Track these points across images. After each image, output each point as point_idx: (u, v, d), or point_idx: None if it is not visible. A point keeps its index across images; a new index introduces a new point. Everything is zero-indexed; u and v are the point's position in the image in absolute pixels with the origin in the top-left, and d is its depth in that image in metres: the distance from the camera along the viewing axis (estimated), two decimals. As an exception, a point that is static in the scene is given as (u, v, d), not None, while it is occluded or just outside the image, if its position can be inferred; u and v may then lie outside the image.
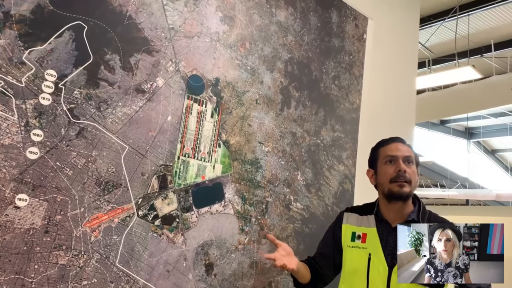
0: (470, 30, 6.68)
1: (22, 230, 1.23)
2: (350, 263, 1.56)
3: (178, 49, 1.60)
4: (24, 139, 1.25)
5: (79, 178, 1.35)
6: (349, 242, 1.58)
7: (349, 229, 1.60)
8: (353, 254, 1.55)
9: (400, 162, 1.49)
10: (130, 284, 1.43)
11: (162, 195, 1.53)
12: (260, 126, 1.86)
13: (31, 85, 1.27)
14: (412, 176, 1.48)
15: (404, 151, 1.52)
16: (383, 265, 1.45)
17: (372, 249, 1.50)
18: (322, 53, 2.15)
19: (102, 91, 1.41)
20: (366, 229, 1.56)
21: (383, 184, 1.52)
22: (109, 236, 1.40)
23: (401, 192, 1.46)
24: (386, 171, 1.51)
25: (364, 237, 1.55)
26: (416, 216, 1.49)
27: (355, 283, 1.52)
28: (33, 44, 1.28)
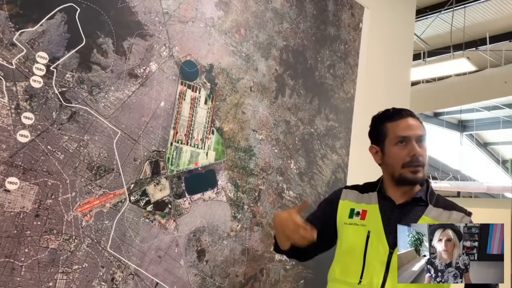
0: (465, 22, 6.68)
1: (12, 214, 1.22)
2: (346, 242, 1.40)
3: (172, 34, 1.59)
4: (14, 121, 1.24)
5: (70, 162, 1.33)
6: (346, 219, 1.42)
7: (347, 206, 1.44)
8: (349, 232, 1.39)
9: (413, 144, 1.33)
10: (121, 269, 1.43)
11: (155, 181, 1.53)
12: (254, 113, 1.86)
13: (22, 67, 1.25)
14: (425, 159, 1.34)
15: (416, 128, 1.36)
16: (383, 245, 1.31)
17: (372, 226, 1.35)
18: (317, 41, 2.14)
19: (95, 75, 1.39)
20: (367, 205, 1.41)
21: (393, 167, 1.36)
22: (100, 221, 1.39)
23: (415, 178, 1.33)
24: (397, 154, 1.35)
25: (363, 214, 1.39)
26: (424, 195, 1.37)
27: (350, 263, 1.36)
28: (24, 25, 1.26)
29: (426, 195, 1.38)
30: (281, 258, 1.94)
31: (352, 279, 1.34)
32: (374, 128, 1.45)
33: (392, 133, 1.37)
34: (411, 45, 3.00)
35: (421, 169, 1.33)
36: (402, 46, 2.86)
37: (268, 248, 1.88)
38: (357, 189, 1.49)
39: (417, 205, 1.38)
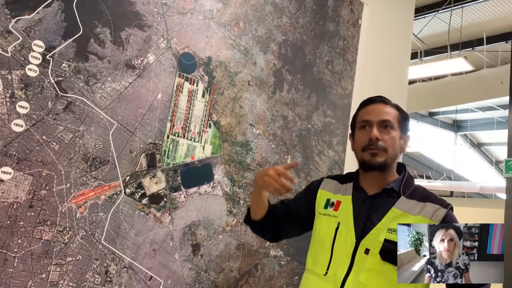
0: (463, 22, 6.69)
1: (5, 204, 1.20)
2: (318, 232, 1.40)
3: (171, 26, 1.57)
4: (9, 110, 1.22)
5: (65, 153, 1.32)
6: (321, 209, 1.41)
7: (325, 196, 1.44)
8: (322, 222, 1.39)
9: (373, 128, 1.31)
10: (116, 262, 1.42)
11: (150, 174, 1.51)
12: (251, 108, 1.84)
13: (17, 55, 1.23)
14: (388, 143, 1.31)
15: (380, 113, 1.33)
16: (350, 236, 1.29)
17: (343, 218, 1.34)
18: (316, 36, 2.12)
19: (92, 65, 1.37)
20: (342, 197, 1.39)
21: (357, 152, 1.37)
22: (95, 213, 1.38)
23: (372, 161, 1.30)
24: (359, 138, 1.35)
25: (337, 205, 1.38)
26: (397, 186, 1.33)
27: (319, 254, 1.35)
28: (21, 12, 1.23)
29: (400, 185, 1.34)
30: (276, 254, 1.94)
31: (320, 270, 1.32)
32: (352, 118, 1.47)
33: (359, 118, 1.38)
34: (410, 43, 3.00)
35: (381, 153, 1.30)
36: (400, 44, 2.86)
37: (263, 243, 1.87)
38: (338, 179, 1.47)
39: (389, 196, 1.33)
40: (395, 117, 1.35)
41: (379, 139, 1.30)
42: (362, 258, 1.25)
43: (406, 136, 1.40)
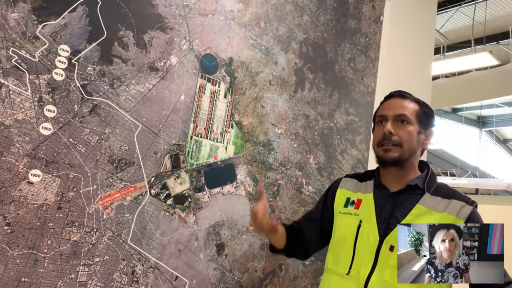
0: (487, 16, 6.53)
1: (35, 206, 1.23)
2: (339, 231, 1.38)
3: (192, 27, 1.58)
4: (37, 114, 1.24)
5: (92, 155, 1.34)
6: (341, 208, 1.39)
7: (344, 195, 1.42)
8: (342, 221, 1.37)
9: (388, 123, 1.30)
10: (142, 262, 1.43)
11: (175, 175, 1.52)
12: (273, 107, 1.84)
13: (44, 60, 1.26)
14: (403, 138, 1.28)
15: (397, 108, 1.31)
16: (374, 234, 1.27)
17: (365, 215, 1.32)
18: (337, 34, 2.11)
19: (116, 68, 1.39)
20: (362, 195, 1.37)
21: (373, 147, 1.35)
22: (121, 214, 1.39)
23: (385, 157, 1.28)
24: (376, 133, 1.34)
25: (358, 203, 1.36)
26: (421, 182, 1.30)
27: (340, 253, 1.33)
28: (47, 18, 1.26)
29: (424, 182, 1.31)
30: (300, 253, 1.93)
31: (342, 269, 1.31)
32: (373, 115, 1.45)
33: (377, 114, 1.38)
34: (433, 38, 2.94)
35: (395, 148, 1.27)
36: (423, 39, 2.81)
37: (287, 243, 1.87)
38: (357, 178, 1.45)
39: (413, 193, 1.30)
40: (413, 111, 1.32)
41: (393, 133, 1.28)
42: (387, 255, 1.24)
43: (428, 131, 1.36)
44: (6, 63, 1.19)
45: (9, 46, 1.20)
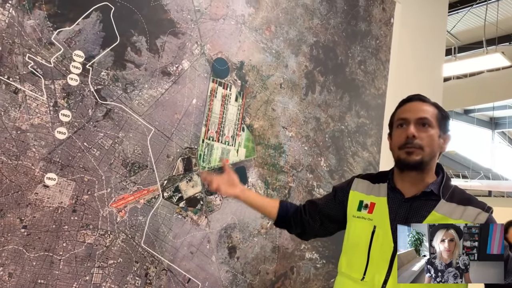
0: (499, 16, 6.47)
1: (51, 209, 1.25)
2: (352, 236, 1.36)
3: (204, 32, 1.59)
4: (52, 119, 1.27)
5: (106, 159, 1.36)
6: (354, 212, 1.37)
7: (357, 197, 1.40)
8: (356, 226, 1.35)
9: (410, 126, 1.28)
10: (155, 264, 1.45)
11: (187, 178, 1.54)
12: (284, 110, 1.85)
13: (59, 66, 1.28)
14: (426, 142, 1.26)
15: (418, 111, 1.30)
16: (388, 241, 1.25)
17: (378, 221, 1.30)
18: (348, 37, 2.11)
19: (129, 72, 1.41)
20: (376, 198, 1.35)
21: (393, 150, 1.32)
22: (134, 216, 1.41)
23: (408, 160, 1.26)
24: (396, 137, 1.32)
25: (371, 207, 1.34)
26: (436, 188, 1.28)
27: (354, 258, 1.32)
28: (62, 24, 1.28)
29: (439, 188, 1.29)
30: (312, 257, 1.93)
31: (356, 274, 1.30)
32: (390, 118, 1.43)
33: (397, 116, 1.35)
34: (444, 40, 2.93)
35: (417, 151, 1.26)
36: (434, 41, 2.80)
37: (298, 246, 1.87)
38: (369, 179, 1.43)
39: (428, 199, 1.28)
40: (433, 115, 1.31)
41: (416, 136, 1.27)
42: None
43: (446, 136, 1.34)
44: (23, 69, 1.22)
45: (26, 52, 1.22)
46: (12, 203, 1.19)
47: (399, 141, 1.29)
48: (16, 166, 1.20)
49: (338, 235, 1.59)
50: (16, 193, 1.20)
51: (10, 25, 1.20)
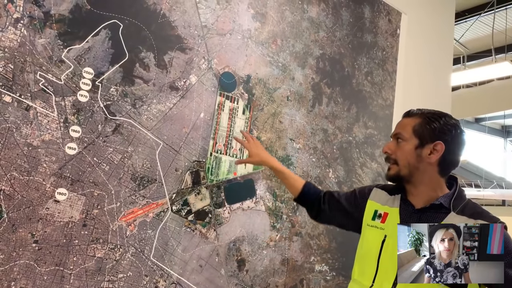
0: (507, 24, 6.45)
1: (61, 223, 1.27)
2: (366, 244, 1.41)
3: (211, 47, 1.62)
4: (63, 135, 1.29)
5: (115, 173, 1.38)
6: (369, 221, 1.42)
7: (373, 207, 1.44)
8: (370, 234, 1.40)
9: (389, 142, 1.37)
10: (164, 278, 1.45)
11: (195, 191, 1.55)
12: (291, 122, 1.86)
13: (69, 83, 1.31)
14: (398, 155, 1.32)
15: (397, 127, 1.37)
16: (396, 250, 1.25)
17: (390, 230, 1.33)
18: (354, 48, 2.12)
19: (138, 88, 1.44)
20: (389, 208, 1.39)
21: None
22: (144, 230, 1.42)
23: (387, 174, 1.37)
24: None
25: (384, 216, 1.38)
26: (446, 201, 1.29)
27: (365, 265, 1.37)
28: (72, 42, 1.32)
29: (450, 201, 1.29)
30: (321, 269, 1.92)
31: (366, 281, 1.34)
32: None
33: None
34: (451, 49, 2.93)
35: (392, 166, 1.33)
36: (441, 51, 2.80)
37: (308, 258, 1.87)
38: (387, 190, 1.45)
39: (438, 211, 1.29)
40: (410, 127, 1.32)
41: (389, 152, 1.34)
42: None
43: (436, 144, 1.30)
44: (34, 87, 1.25)
45: (37, 70, 1.25)
46: (23, 218, 1.21)
47: None
48: (28, 182, 1.22)
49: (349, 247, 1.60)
50: (27, 208, 1.22)
51: (22, 44, 1.23)
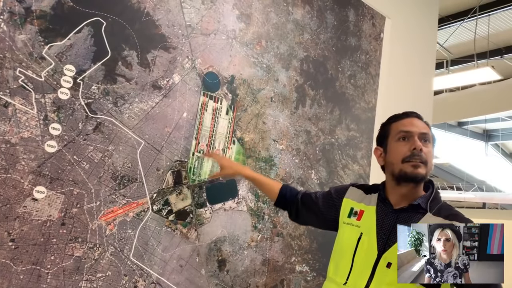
0: (490, 30, 6.57)
1: (39, 222, 1.26)
2: (340, 241, 1.41)
3: (195, 46, 1.61)
4: (42, 132, 1.27)
5: (95, 172, 1.37)
6: (345, 218, 1.42)
7: (349, 204, 1.44)
8: (345, 231, 1.39)
9: (415, 139, 1.30)
10: (144, 277, 1.45)
11: (177, 191, 1.55)
12: (274, 124, 1.87)
13: (50, 80, 1.29)
14: (428, 157, 1.30)
15: (420, 127, 1.34)
16: (372, 248, 1.29)
17: (365, 228, 1.34)
18: (338, 51, 2.14)
19: (120, 86, 1.43)
20: (365, 206, 1.39)
21: (393, 164, 1.33)
22: (123, 230, 1.42)
23: (415, 173, 1.28)
24: (398, 149, 1.33)
25: (360, 214, 1.38)
26: (424, 202, 1.31)
27: (340, 263, 1.36)
28: (53, 39, 1.30)
29: (427, 202, 1.32)
30: (302, 269, 1.93)
31: (340, 278, 1.34)
32: (380, 131, 1.46)
33: (395, 130, 1.37)
34: (434, 54, 2.97)
35: (423, 165, 1.28)
36: (424, 55, 2.84)
37: (288, 259, 1.88)
38: (363, 189, 1.47)
39: (415, 212, 1.31)
40: (430, 132, 1.37)
41: (423, 150, 1.30)
42: (384, 272, 1.25)
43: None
44: (13, 83, 1.23)
45: (16, 66, 1.23)
46: (0, 216, 1.19)
47: (402, 154, 1.31)
48: (5, 180, 1.20)
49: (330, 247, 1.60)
50: (4, 206, 1.20)
51: (1, 40, 1.21)
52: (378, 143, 1.46)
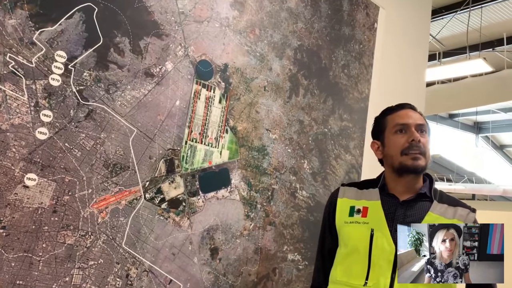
0: (482, 22, 6.59)
1: (30, 209, 1.25)
2: (348, 241, 1.35)
3: (188, 34, 1.60)
4: (33, 119, 1.26)
5: (87, 159, 1.36)
6: (346, 218, 1.37)
7: (346, 204, 1.40)
8: (351, 231, 1.34)
9: (412, 130, 1.31)
10: (136, 265, 1.45)
11: (169, 179, 1.54)
12: (267, 113, 1.86)
13: (41, 66, 1.27)
14: (426, 147, 1.32)
15: (416, 118, 1.35)
16: (388, 242, 1.26)
17: (375, 224, 1.31)
18: (332, 41, 2.13)
19: (112, 73, 1.41)
20: (368, 202, 1.36)
21: (392, 156, 1.34)
22: (116, 217, 1.41)
23: (415, 165, 1.29)
24: (396, 142, 1.33)
25: (365, 211, 1.35)
26: (428, 191, 1.33)
27: (354, 264, 1.31)
28: (44, 24, 1.28)
29: (430, 191, 1.35)
30: (294, 258, 1.94)
31: (357, 280, 1.28)
32: (375, 125, 1.46)
33: (391, 123, 1.38)
34: (427, 45, 2.98)
35: (422, 157, 1.30)
36: (417, 46, 2.84)
37: (280, 247, 1.89)
38: (356, 186, 1.46)
39: (421, 201, 1.34)
40: (426, 123, 1.39)
41: (421, 141, 1.31)
42: None
43: None
44: (3, 69, 1.21)
45: (6, 52, 1.21)
46: (-9, 203, 1.18)
47: (401, 146, 1.32)
48: (-4, 166, 1.19)
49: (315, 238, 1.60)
50: (-5, 193, 1.19)
51: (-9, 25, 1.19)
52: (375, 137, 1.45)
